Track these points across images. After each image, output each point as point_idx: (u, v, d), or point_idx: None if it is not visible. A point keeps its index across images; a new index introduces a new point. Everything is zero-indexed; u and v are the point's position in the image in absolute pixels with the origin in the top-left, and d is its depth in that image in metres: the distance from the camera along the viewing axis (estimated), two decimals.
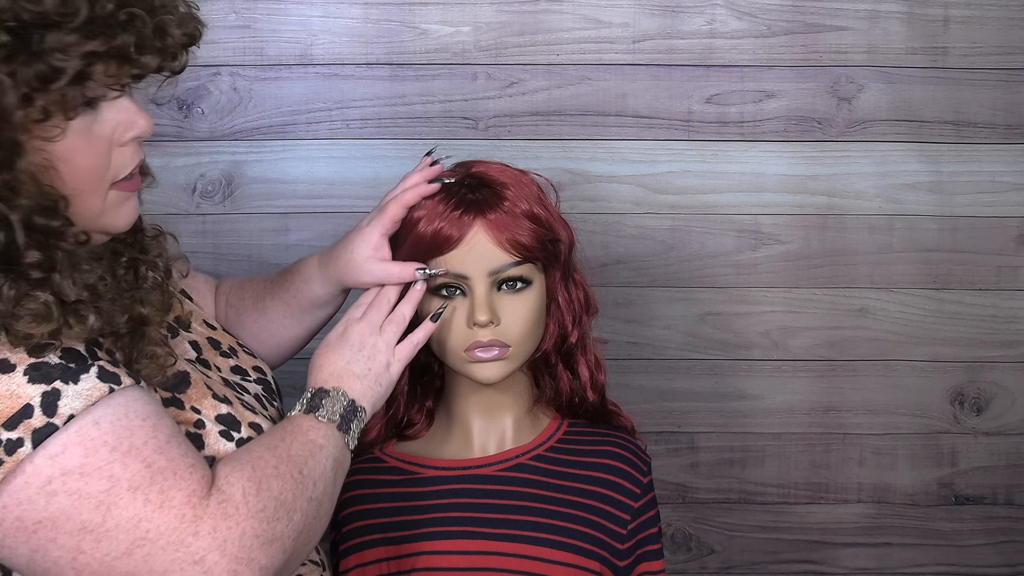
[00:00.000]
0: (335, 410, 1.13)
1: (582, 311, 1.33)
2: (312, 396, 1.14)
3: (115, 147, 1.01)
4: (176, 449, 0.98)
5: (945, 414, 1.86)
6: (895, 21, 1.78)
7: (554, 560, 1.25)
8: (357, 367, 1.17)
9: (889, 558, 1.89)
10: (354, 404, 1.15)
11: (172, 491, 0.95)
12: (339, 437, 1.12)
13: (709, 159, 1.80)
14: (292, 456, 1.05)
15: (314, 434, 1.10)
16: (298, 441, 1.08)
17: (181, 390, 1.09)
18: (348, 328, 1.20)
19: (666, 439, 1.85)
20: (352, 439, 1.14)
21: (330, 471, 1.09)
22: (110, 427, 0.95)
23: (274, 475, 1.02)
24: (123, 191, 1.03)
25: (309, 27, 1.76)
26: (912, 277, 1.83)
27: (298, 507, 1.02)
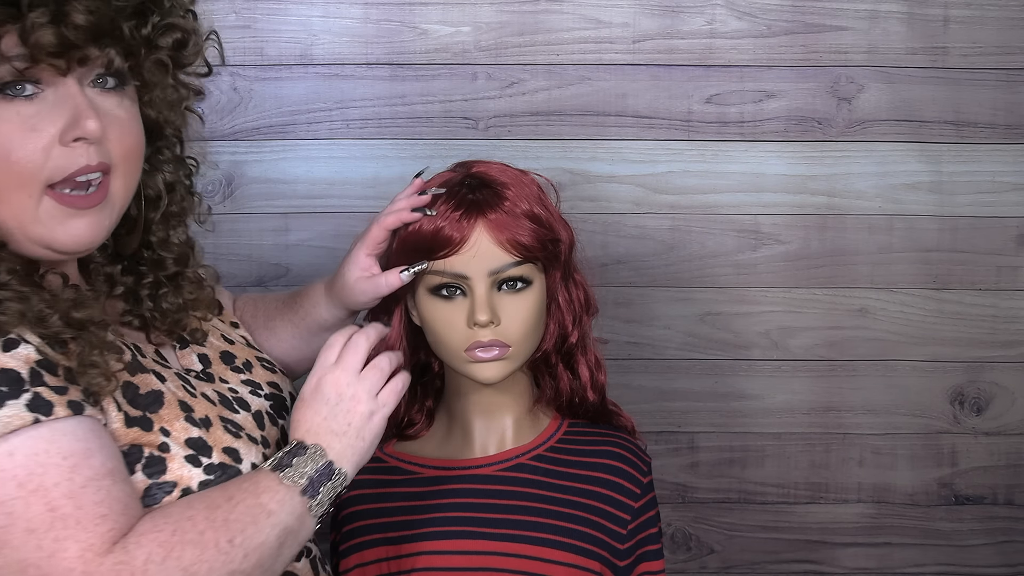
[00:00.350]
0: (304, 472, 1.05)
1: (582, 311, 1.33)
2: (287, 452, 1.07)
3: (57, 145, 0.97)
4: (92, 495, 0.93)
5: (945, 414, 1.86)
6: (895, 21, 1.78)
7: (554, 560, 1.25)
8: (335, 423, 1.09)
9: (889, 558, 1.89)
10: (331, 466, 1.07)
11: (67, 541, 0.90)
12: (299, 503, 1.04)
13: (709, 159, 1.80)
14: (228, 521, 0.98)
15: (267, 497, 1.02)
16: (245, 503, 1.01)
17: (153, 409, 1.05)
18: (321, 379, 1.12)
19: (666, 439, 1.85)
20: (319, 505, 1.06)
21: (273, 541, 1.01)
22: (24, 460, 0.91)
23: (194, 542, 0.95)
24: (60, 204, 0.98)
25: (309, 27, 1.76)
26: (912, 277, 1.83)
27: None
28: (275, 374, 1.26)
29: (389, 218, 1.26)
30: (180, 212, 1.18)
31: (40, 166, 0.96)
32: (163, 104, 1.09)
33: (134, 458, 1.02)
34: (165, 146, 1.15)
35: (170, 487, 1.03)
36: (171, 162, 1.16)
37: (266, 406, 1.20)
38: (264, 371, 1.25)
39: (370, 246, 1.27)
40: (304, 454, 1.06)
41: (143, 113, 1.08)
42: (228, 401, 1.16)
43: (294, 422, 1.11)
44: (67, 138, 0.97)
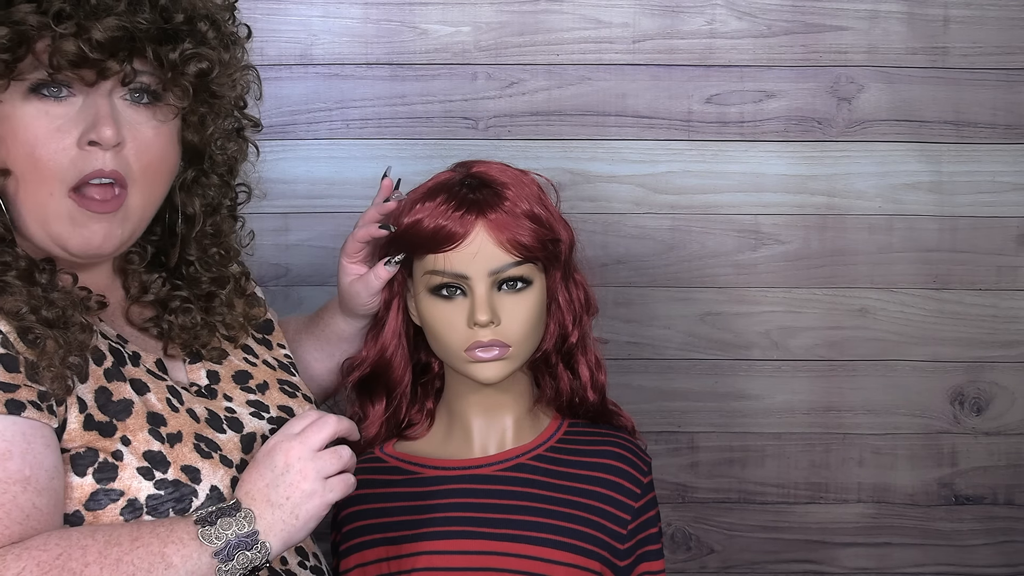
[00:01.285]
0: (224, 533, 1.01)
1: (582, 311, 1.33)
2: (217, 508, 1.04)
3: (75, 147, 1.02)
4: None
5: (945, 414, 1.86)
6: (895, 21, 1.78)
7: (554, 560, 1.25)
8: (275, 493, 1.05)
9: (889, 558, 1.89)
10: (255, 536, 1.02)
11: None
12: (206, 565, 1.00)
13: (709, 159, 1.80)
14: (120, 562, 0.96)
15: (173, 548, 0.99)
16: (147, 549, 0.98)
17: (120, 417, 1.05)
18: (276, 445, 1.08)
19: (666, 439, 1.85)
20: (231, 573, 1.01)
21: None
22: None
23: (74, 572, 0.93)
24: (81, 207, 1.03)
25: (309, 27, 1.76)
26: (912, 277, 1.83)
27: None
28: (294, 398, 1.26)
29: (360, 231, 1.30)
30: (216, 234, 1.22)
31: (60, 166, 1.02)
32: (206, 130, 1.14)
33: (87, 461, 1.03)
34: (209, 170, 1.19)
35: (116, 495, 1.03)
36: (214, 187, 1.20)
37: (265, 429, 1.19)
38: (281, 394, 1.24)
39: (350, 256, 1.32)
40: (232, 516, 1.03)
41: (185, 135, 1.13)
42: (217, 420, 1.15)
43: (240, 481, 1.08)
44: (83, 141, 1.02)
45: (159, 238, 1.20)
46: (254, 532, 1.03)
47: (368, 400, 1.36)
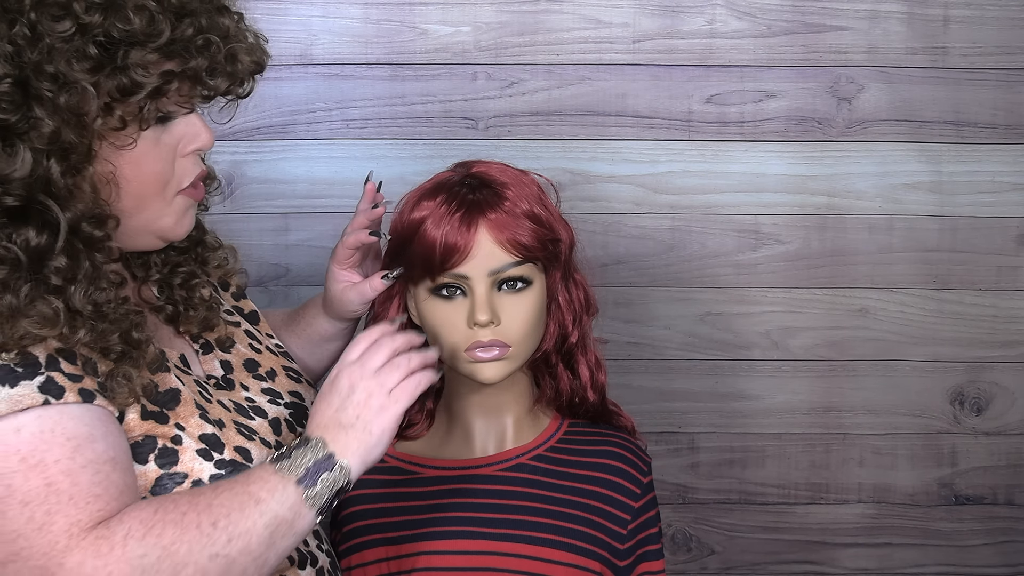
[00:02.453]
0: (301, 463, 1.05)
1: (582, 311, 1.33)
2: (289, 446, 1.08)
3: (178, 157, 1.08)
4: (89, 476, 0.97)
5: (945, 414, 1.86)
6: (895, 21, 1.78)
7: (554, 560, 1.25)
8: (345, 415, 1.08)
9: (889, 558, 1.89)
10: (331, 458, 1.06)
11: (57, 515, 0.94)
12: (293, 493, 1.03)
13: (709, 159, 1.80)
14: (212, 505, 1.00)
15: (258, 486, 1.02)
16: (232, 491, 1.02)
17: (170, 407, 1.08)
18: (339, 373, 1.12)
19: (666, 439, 1.85)
20: (319, 496, 1.05)
21: (261, 529, 1.01)
22: (29, 437, 0.95)
23: (175, 522, 0.98)
24: (189, 197, 1.11)
25: (309, 27, 1.76)
26: (912, 277, 1.83)
27: (192, 561, 0.97)
28: (300, 384, 1.28)
29: (349, 239, 1.31)
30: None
31: (170, 177, 1.08)
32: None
33: (148, 448, 1.06)
34: None
35: (181, 478, 1.06)
36: None
37: (285, 414, 1.21)
38: (288, 380, 1.27)
39: (340, 263, 1.33)
40: (304, 447, 1.06)
41: None
42: (243, 409, 1.18)
43: (309, 416, 1.12)
44: (187, 149, 1.09)
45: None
46: (330, 455, 1.06)
47: None
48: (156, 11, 0.99)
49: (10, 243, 0.96)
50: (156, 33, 0.99)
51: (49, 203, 0.97)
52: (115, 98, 0.98)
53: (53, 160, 0.97)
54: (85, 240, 1.00)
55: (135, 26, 0.97)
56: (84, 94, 0.97)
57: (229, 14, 1.08)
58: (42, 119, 0.96)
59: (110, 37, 0.97)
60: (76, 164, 0.98)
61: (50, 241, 0.97)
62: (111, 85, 0.98)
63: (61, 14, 0.96)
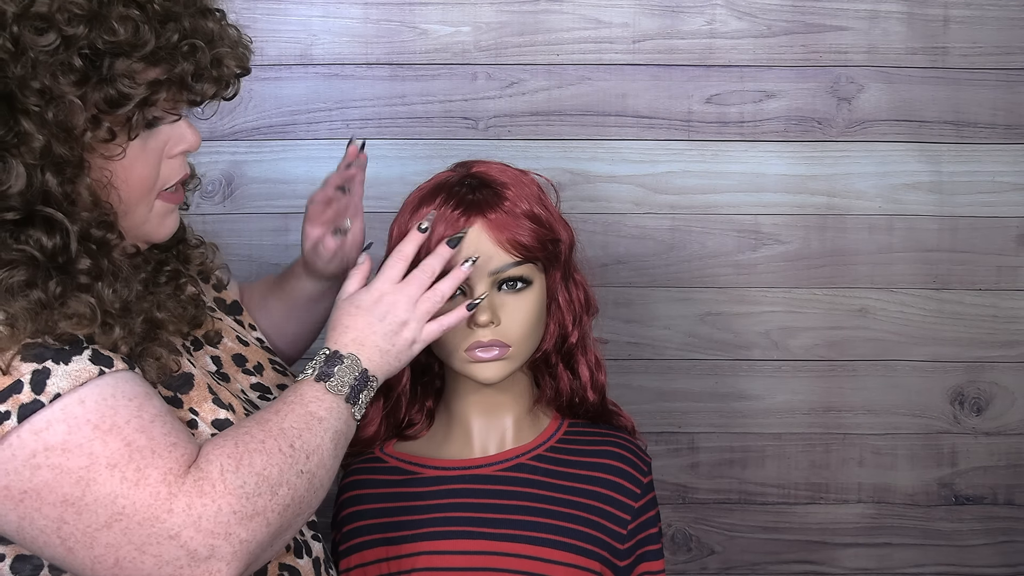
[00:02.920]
0: (346, 380, 1.11)
1: (582, 311, 1.33)
2: (326, 361, 1.12)
3: (164, 159, 1.08)
4: (160, 428, 1.00)
5: (945, 414, 1.86)
6: (895, 21, 1.78)
7: (554, 560, 1.25)
8: (383, 341, 1.15)
9: (889, 558, 1.89)
10: (366, 374, 1.13)
11: (148, 469, 0.98)
12: (345, 409, 1.11)
13: (709, 159, 1.80)
14: (284, 429, 1.05)
15: (316, 406, 1.09)
16: (295, 413, 1.08)
17: (184, 391, 1.11)
18: (383, 296, 1.17)
19: (666, 439, 1.85)
20: (360, 410, 1.13)
21: (329, 443, 1.08)
22: (95, 406, 0.98)
23: (259, 450, 1.03)
24: (168, 202, 1.11)
25: (309, 27, 1.76)
26: (912, 277, 1.83)
27: (284, 481, 1.03)
28: (286, 376, 1.29)
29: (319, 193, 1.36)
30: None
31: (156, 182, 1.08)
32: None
33: None
34: None
35: None
36: None
37: None
38: (275, 374, 1.28)
39: (311, 220, 1.36)
40: (343, 363, 1.12)
41: None
42: (242, 400, 1.19)
43: (340, 326, 1.16)
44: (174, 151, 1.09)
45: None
46: (365, 371, 1.13)
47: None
48: (140, 20, 0.98)
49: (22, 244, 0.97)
50: (141, 43, 0.98)
51: (52, 212, 0.98)
52: (102, 110, 0.98)
53: (48, 173, 0.97)
54: (98, 243, 1.01)
55: (120, 37, 0.97)
56: (71, 107, 0.96)
57: (212, 15, 1.07)
58: (31, 133, 0.95)
59: (95, 48, 0.97)
60: (71, 176, 0.99)
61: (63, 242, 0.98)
62: (98, 97, 0.98)
63: (44, 27, 0.95)
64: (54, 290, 0.98)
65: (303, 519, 1.07)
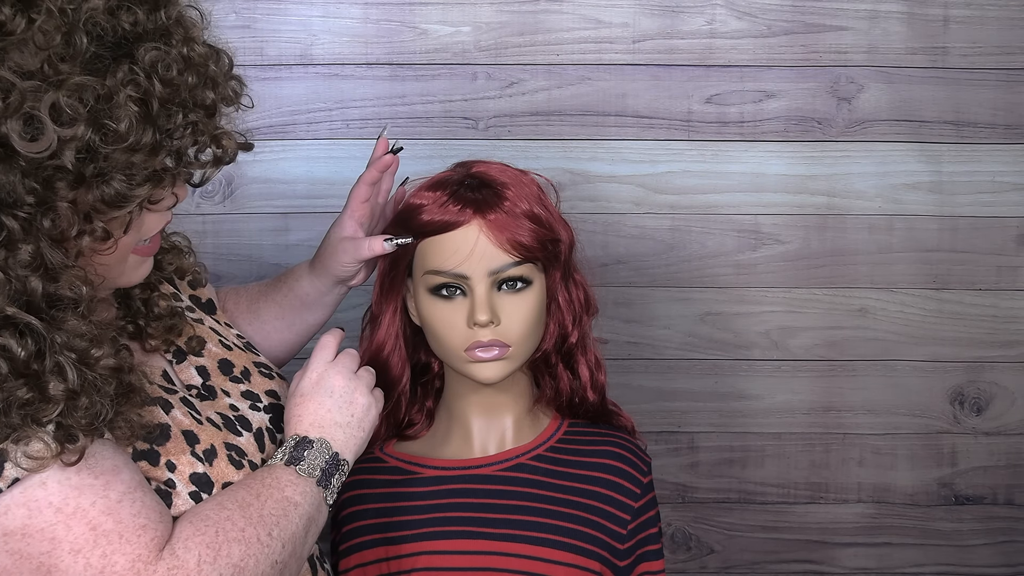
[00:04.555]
0: (316, 464, 1.10)
1: (582, 311, 1.33)
2: (295, 446, 1.11)
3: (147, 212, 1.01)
4: (128, 509, 0.96)
5: (945, 414, 1.86)
6: (895, 21, 1.78)
7: (554, 560, 1.25)
8: (339, 415, 1.14)
9: (889, 558, 1.89)
10: (337, 457, 1.12)
11: (115, 555, 0.93)
12: (317, 493, 1.09)
13: (709, 159, 1.80)
14: (263, 516, 1.03)
15: (291, 490, 1.07)
16: (273, 498, 1.05)
17: (160, 443, 1.06)
18: (323, 375, 1.16)
19: (666, 439, 1.85)
20: (331, 494, 1.11)
21: (301, 531, 1.06)
22: (57, 487, 0.93)
23: (238, 539, 1.00)
24: (143, 255, 1.06)
25: (309, 27, 1.76)
26: (912, 277, 1.83)
27: (260, 572, 1.01)
28: (272, 380, 1.26)
29: (367, 173, 1.32)
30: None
31: (136, 240, 1.02)
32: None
33: None
34: None
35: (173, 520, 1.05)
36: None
37: (265, 421, 1.19)
38: (262, 378, 1.25)
39: (354, 207, 1.32)
40: (312, 448, 1.11)
41: None
42: (231, 423, 1.16)
43: (295, 417, 1.14)
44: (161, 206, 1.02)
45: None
46: (335, 454, 1.12)
47: None
48: (137, 116, 0.90)
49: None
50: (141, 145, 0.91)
51: (29, 320, 0.90)
52: (98, 210, 0.92)
53: (33, 278, 0.90)
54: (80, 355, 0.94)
55: (123, 139, 0.89)
56: (64, 214, 0.90)
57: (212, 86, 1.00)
58: (19, 242, 0.88)
59: (92, 150, 0.89)
60: (55, 276, 0.92)
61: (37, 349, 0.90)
62: (92, 198, 0.91)
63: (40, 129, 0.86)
64: (21, 397, 0.89)
65: None
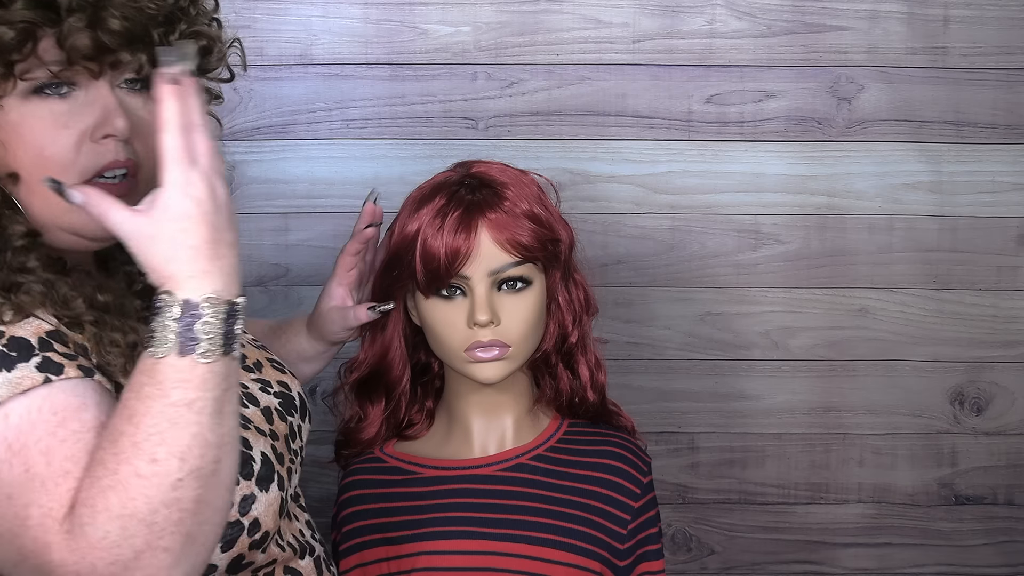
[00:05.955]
0: (216, 333, 0.87)
1: (582, 311, 1.33)
2: (182, 322, 0.87)
3: (87, 141, 0.99)
4: (66, 450, 0.87)
5: (945, 414, 1.86)
6: (895, 21, 1.78)
7: (554, 560, 1.25)
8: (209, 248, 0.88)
9: (889, 558, 1.89)
10: (233, 307, 0.89)
11: (31, 507, 0.86)
12: (225, 366, 0.89)
13: (709, 159, 1.80)
14: (138, 444, 0.85)
15: (181, 392, 0.86)
16: (152, 412, 0.86)
17: None
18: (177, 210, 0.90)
19: (666, 439, 1.85)
20: (238, 343, 0.90)
21: (208, 420, 0.87)
22: (17, 422, 0.88)
23: (111, 486, 0.84)
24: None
25: (309, 27, 1.76)
26: (912, 277, 1.83)
27: (159, 504, 0.84)
28: (284, 374, 1.27)
29: (350, 244, 1.33)
30: None
31: (72, 161, 0.99)
32: None
33: None
34: None
35: None
36: None
37: (275, 403, 1.20)
38: (274, 370, 1.25)
39: (341, 276, 1.33)
40: (200, 317, 0.88)
41: None
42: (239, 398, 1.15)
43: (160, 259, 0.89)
44: (97, 135, 1.00)
45: None
46: (231, 304, 0.89)
47: (367, 400, 1.36)
48: None
49: None
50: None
51: None
52: None
53: None
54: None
55: None
56: None
57: None
58: None
59: None
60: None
61: None
62: None
63: None
64: None
65: (218, 510, 0.89)
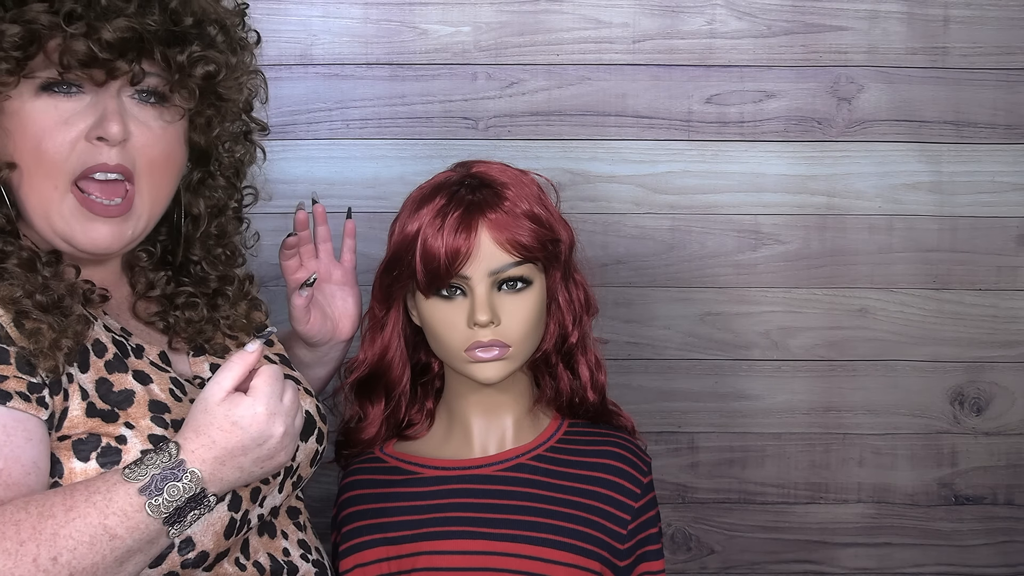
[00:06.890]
0: (174, 501, 0.98)
1: (582, 311, 1.33)
2: (163, 472, 0.99)
3: (82, 141, 1.04)
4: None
5: (945, 414, 1.86)
6: (895, 21, 1.78)
7: (554, 560, 1.25)
8: (251, 463, 1.04)
9: (889, 558, 1.89)
10: (204, 496, 1.00)
11: None
12: (156, 530, 0.98)
13: (709, 159, 1.80)
14: (56, 536, 0.93)
15: (116, 521, 0.95)
16: (85, 520, 0.94)
17: (122, 407, 1.06)
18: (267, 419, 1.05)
19: (666, 439, 1.85)
20: (183, 527, 1.00)
21: (110, 562, 0.95)
22: None
23: (10, 551, 0.91)
24: (82, 206, 1.05)
25: (309, 27, 1.76)
26: (912, 277, 1.83)
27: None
28: (292, 371, 1.28)
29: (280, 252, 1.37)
30: (221, 235, 1.24)
31: (64, 157, 1.04)
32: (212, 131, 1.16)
33: (90, 446, 1.04)
34: (216, 172, 1.21)
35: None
36: (220, 188, 1.22)
37: None
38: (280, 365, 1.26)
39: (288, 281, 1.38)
40: (181, 481, 1.00)
41: (191, 137, 1.15)
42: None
43: (207, 436, 1.03)
44: (91, 135, 1.04)
45: (166, 238, 1.22)
46: (202, 491, 1.00)
47: (367, 400, 1.36)
48: None
49: None
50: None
51: None
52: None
53: None
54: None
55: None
56: None
57: None
58: None
59: None
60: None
61: None
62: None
63: None
64: None
65: None
